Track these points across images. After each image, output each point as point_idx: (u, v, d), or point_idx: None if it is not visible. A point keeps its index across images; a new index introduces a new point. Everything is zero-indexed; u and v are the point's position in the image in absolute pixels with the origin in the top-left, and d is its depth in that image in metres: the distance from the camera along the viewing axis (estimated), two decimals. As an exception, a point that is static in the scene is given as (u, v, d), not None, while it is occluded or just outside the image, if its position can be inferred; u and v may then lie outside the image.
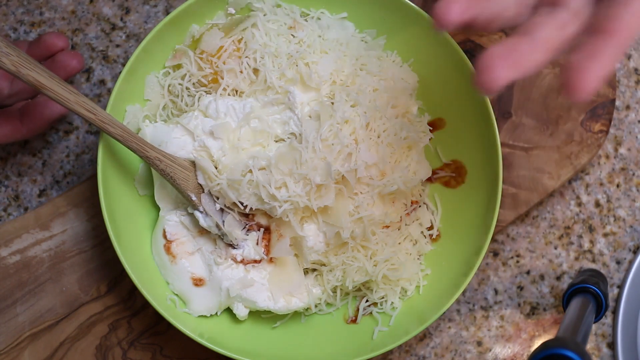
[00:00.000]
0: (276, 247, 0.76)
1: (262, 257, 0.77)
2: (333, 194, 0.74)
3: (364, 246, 0.77)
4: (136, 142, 0.73)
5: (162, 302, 0.76)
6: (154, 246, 0.79)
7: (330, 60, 0.77)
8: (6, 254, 0.84)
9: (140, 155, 0.73)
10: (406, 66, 0.82)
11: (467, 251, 0.79)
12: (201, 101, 0.77)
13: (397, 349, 0.87)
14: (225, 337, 0.78)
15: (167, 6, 0.89)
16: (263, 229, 0.77)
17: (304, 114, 0.76)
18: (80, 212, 0.85)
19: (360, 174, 0.74)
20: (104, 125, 0.71)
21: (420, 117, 0.82)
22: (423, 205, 0.82)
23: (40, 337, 0.84)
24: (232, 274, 0.77)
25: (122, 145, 0.73)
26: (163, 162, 0.74)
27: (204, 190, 0.77)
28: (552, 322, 0.88)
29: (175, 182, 0.75)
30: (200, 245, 0.79)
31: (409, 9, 0.78)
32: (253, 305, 0.78)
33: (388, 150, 0.76)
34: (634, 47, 0.90)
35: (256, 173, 0.74)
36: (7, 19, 0.88)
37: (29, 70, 0.67)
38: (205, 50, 0.78)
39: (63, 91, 0.69)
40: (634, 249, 0.89)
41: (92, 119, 0.70)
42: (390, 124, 0.77)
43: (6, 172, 0.87)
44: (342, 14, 0.81)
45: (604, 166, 0.89)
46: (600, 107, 0.86)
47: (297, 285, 0.78)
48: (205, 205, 0.77)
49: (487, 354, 0.88)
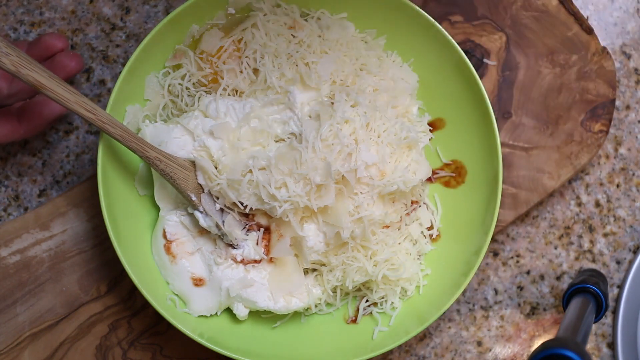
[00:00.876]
0: (276, 247, 0.76)
1: (262, 257, 0.77)
2: (333, 194, 0.74)
3: (364, 246, 0.77)
4: (136, 142, 0.73)
5: (162, 302, 0.76)
6: (154, 246, 0.79)
7: (330, 60, 0.77)
8: (6, 254, 0.84)
9: (140, 156, 0.73)
10: (406, 66, 0.82)
11: (467, 251, 0.79)
12: (201, 101, 0.77)
13: (397, 349, 0.87)
14: (225, 337, 0.78)
15: (167, 6, 0.89)
16: (263, 229, 0.77)
17: (304, 114, 0.76)
18: (80, 212, 0.85)
19: (360, 174, 0.74)
20: (103, 125, 0.71)
21: (420, 117, 0.82)
22: (423, 205, 0.82)
23: (40, 337, 0.84)
24: (232, 274, 0.77)
25: (122, 145, 0.73)
26: (163, 162, 0.74)
27: (203, 190, 0.77)
28: (552, 322, 0.88)
29: (175, 182, 0.75)
30: (200, 245, 0.79)
31: (409, 9, 0.78)
32: (253, 305, 0.78)
33: (388, 150, 0.76)
34: (634, 47, 0.90)
35: (256, 173, 0.74)
36: (7, 19, 0.88)
37: (29, 70, 0.67)
38: (205, 50, 0.78)
39: (63, 91, 0.69)
40: (634, 249, 0.89)
41: (92, 119, 0.70)
42: (390, 124, 0.77)
43: (6, 172, 0.87)
44: (342, 14, 0.81)
45: (604, 166, 0.89)
46: (600, 107, 0.86)
47: (297, 285, 0.78)
48: (205, 205, 0.77)
49: (487, 354, 0.88)
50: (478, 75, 0.78)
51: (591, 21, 0.90)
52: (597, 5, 0.90)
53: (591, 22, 0.90)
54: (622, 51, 0.90)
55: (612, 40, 0.90)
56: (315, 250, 0.77)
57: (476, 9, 0.86)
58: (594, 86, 0.86)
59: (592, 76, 0.86)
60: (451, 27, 0.85)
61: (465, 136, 0.80)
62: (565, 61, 0.86)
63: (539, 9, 0.86)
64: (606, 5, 0.90)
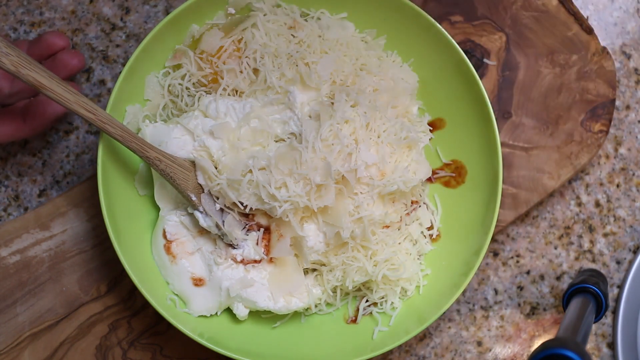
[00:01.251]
0: (276, 247, 0.76)
1: (262, 257, 0.77)
2: (333, 194, 0.74)
3: (364, 246, 0.77)
4: (136, 142, 0.73)
5: (162, 302, 0.76)
6: (154, 246, 0.79)
7: (330, 60, 0.77)
8: (6, 254, 0.84)
9: (140, 156, 0.73)
10: (406, 66, 0.82)
11: (467, 251, 0.79)
12: (201, 101, 0.77)
13: (397, 349, 0.87)
14: (225, 337, 0.78)
15: (167, 6, 0.89)
16: (263, 229, 0.77)
17: (304, 114, 0.76)
18: (80, 212, 0.85)
19: (360, 174, 0.74)
20: (103, 125, 0.71)
21: (420, 117, 0.82)
22: (423, 205, 0.82)
23: (40, 337, 0.84)
24: (232, 274, 0.77)
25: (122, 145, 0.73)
26: (163, 162, 0.74)
27: (203, 190, 0.77)
28: (552, 322, 0.88)
29: (175, 182, 0.75)
30: (200, 245, 0.79)
31: (409, 9, 0.78)
32: (253, 305, 0.78)
33: (388, 150, 0.76)
34: (634, 47, 0.90)
35: (256, 173, 0.74)
36: (7, 19, 0.88)
37: (29, 71, 0.67)
38: (205, 50, 0.78)
39: (63, 91, 0.69)
40: (634, 249, 0.89)
41: (92, 119, 0.70)
42: (390, 124, 0.77)
43: (6, 172, 0.87)
44: (342, 14, 0.81)
45: (604, 166, 0.89)
46: (600, 107, 0.86)
47: (297, 285, 0.78)
48: (205, 205, 0.77)
49: (487, 354, 0.88)
50: (478, 75, 0.78)
51: (591, 21, 0.90)
52: (597, 5, 0.90)
53: (591, 22, 0.90)
54: (622, 51, 0.90)
55: (612, 40, 0.90)
56: (315, 250, 0.77)
57: (476, 9, 0.86)
58: (594, 86, 0.86)
59: (592, 76, 0.86)
60: (451, 27, 0.85)
61: (465, 136, 0.80)
62: (565, 61, 0.86)
63: (539, 9, 0.86)
64: (606, 5, 0.90)
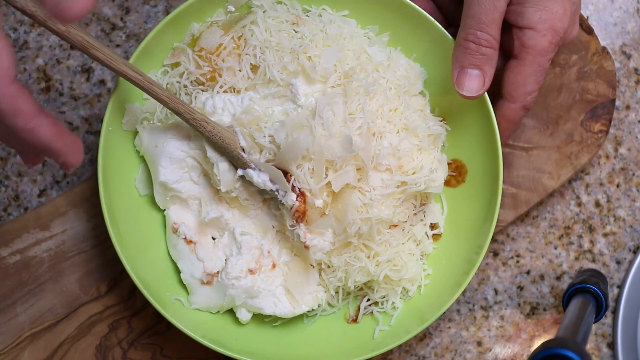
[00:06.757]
0: (319, 221, 0.75)
1: (294, 204, 0.75)
2: (353, 172, 0.73)
3: (367, 246, 0.76)
4: (182, 104, 0.73)
5: (162, 302, 0.76)
6: (169, 243, 0.79)
7: (334, 52, 0.76)
8: (6, 254, 0.84)
9: (187, 117, 0.73)
10: (412, 61, 0.81)
11: (467, 250, 0.78)
12: (197, 99, 0.77)
13: (397, 348, 0.87)
14: (225, 337, 0.78)
15: (167, 6, 0.89)
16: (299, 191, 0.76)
17: (308, 105, 0.75)
18: (80, 212, 0.85)
19: (381, 159, 0.74)
20: (150, 87, 0.72)
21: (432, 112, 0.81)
22: (429, 205, 0.81)
23: (40, 337, 0.84)
24: (239, 283, 0.77)
25: (122, 144, 0.73)
26: (210, 123, 0.74)
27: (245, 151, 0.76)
28: (552, 322, 0.88)
29: (224, 143, 0.74)
30: (214, 215, 0.78)
31: (409, 9, 0.78)
32: (258, 312, 0.78)
33: (415, 140, 0.76)
34: (634, 47, 0.90)
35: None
36: (7, 19, 0.88)
37: (78, 32, 0.67)
38: (205, 48, 0.77)
39: (111, 52, 0.69)
40: (634, 249, 0.89)
41: (139, 80, 0.71)
42: (415, 114, 0.76)
43: (6, 172, 0.87)
44: (344, 12, 0.80)
45: (604, 166, 0.89)
46: (600, 107, 0.86)
47: (314, 281, 0.78)
48: (254, 162, 0.76)
49: (487, 354, 0.88)
50: (478, 75, 0.78)
51: (591, 21, 0.90)
52: (597, 5, 0.90)
53: (591, 22, 0.90)
54: (622, 51, 0.90)
55: (612, 40, 0.90)
56: (319, 248, 0.76)
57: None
58: (594, 86, 0.86)
59: (592, 76, 0.86)
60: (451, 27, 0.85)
61: (466, 136, 0.80)
62: (565, 61, 0.86)
63: (539, 9, 0.86)
64: (606, 5, 0.90)
